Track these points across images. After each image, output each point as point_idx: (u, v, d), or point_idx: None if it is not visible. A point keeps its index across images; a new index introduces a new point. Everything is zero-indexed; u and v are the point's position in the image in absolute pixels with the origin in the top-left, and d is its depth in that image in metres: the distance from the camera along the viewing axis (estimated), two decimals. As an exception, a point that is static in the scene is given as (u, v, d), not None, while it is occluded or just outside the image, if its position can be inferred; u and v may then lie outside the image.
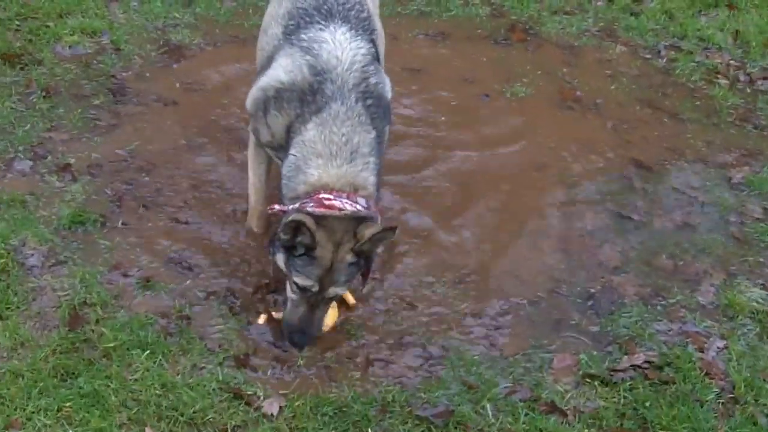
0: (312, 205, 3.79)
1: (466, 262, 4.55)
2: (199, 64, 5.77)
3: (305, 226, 3.67)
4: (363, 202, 3.84)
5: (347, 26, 4.09)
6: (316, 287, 3.81)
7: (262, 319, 4.12)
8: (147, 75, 5.63)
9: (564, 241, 4.73)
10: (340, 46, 4.01)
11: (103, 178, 4.81)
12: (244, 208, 4.59)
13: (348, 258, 3.78)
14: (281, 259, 3.89)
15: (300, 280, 3.82)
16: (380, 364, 4.01)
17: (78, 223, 4.49)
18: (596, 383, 3.98)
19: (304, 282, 3.81)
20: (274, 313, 4.12)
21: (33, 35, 5.84)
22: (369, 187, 3.91)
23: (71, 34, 5.85)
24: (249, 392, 3.80)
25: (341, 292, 3.91)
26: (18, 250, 4.30)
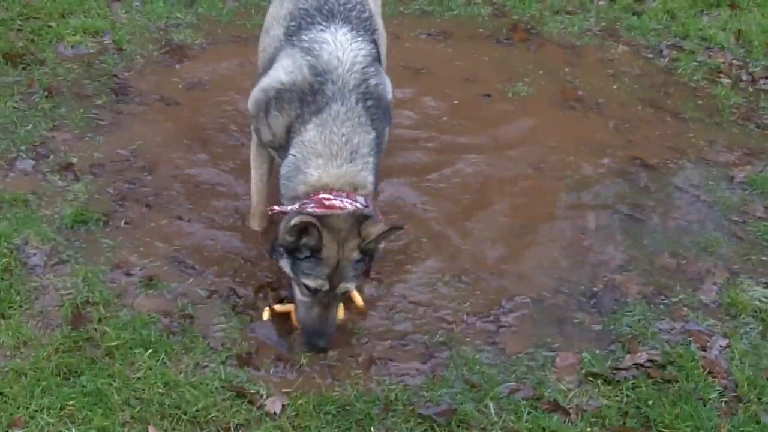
0: (312, 205, 3.79)
1: (469, 261, 4.55)
2: (202, 64, 5.77)
3: (313, 227, 3.67)
4: (362, 201, 3.85)
5: (348, 27, 4.09)
6: (326, 286, 3.81)
7: (266, 314, 4.11)
8: (149, 75, 5.64)
9: (566, 240, 4.73)
10: (341, 46, 4.01)
11: (105, 177, 4.81)
12: (246, 207, 4.59)
13: (354, 255, 3.79)
14: (286, 264, 3.88)
15: (310, 282, 3.82)
16: (383, 362, 4.01)
17: (80, 223, 4.50)
18: (599, 382, 3.98)
19: (314, 283, 3.81)
20: (277, 306, 4.12)
21: (35, 35, 5.84)
22: (368, 186, 3.92)
23: (73, 34, 5.85)
24: (252, 391, 3.80)
25: (351, 287, 3.91)
26: (20, 249, 4.31)
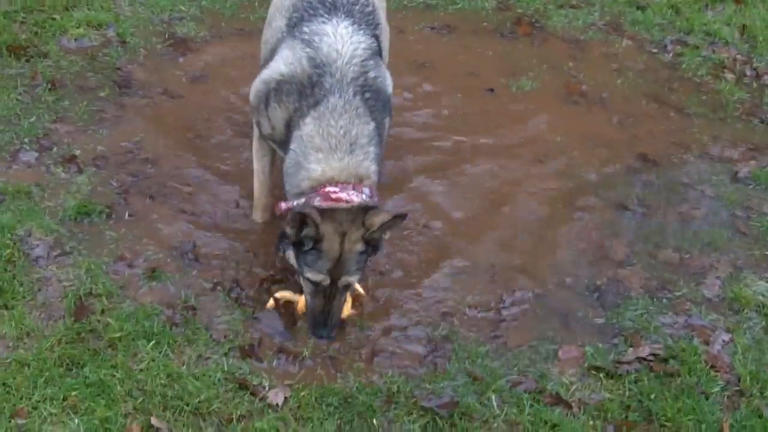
0: (319, 199, 3.80)
1: (472, 254, 4.55)
2: (205, 57, 5.77)
3: (309, 218, 3.68)
4: (368, 191, 3.85)
5: (350, 20, 4.09)
6: (327, 280, 3.82)
7: (270, 303, 4.12)
8: (152, 68, 5.63)
9: (570, 234, 4.73)
10: (341, 39, 4.01)
11: (108, 169, 4.81)
12: (249, 200, 4.60)
13: (357, 248, 3.79)
14: (291, 256, 3.90)
15: (311, 275, 3.83)
16: (385, 354, 4.02)
17: (83, 214, 4.50)
18: (601, 375, 3.98)
19: (315, 277, 3.82)
20: (279, 293, 4.12)
21: (39, 27, 5.83)
22: (372, 176, 3.92)
23: (77, 27, 5.84)
24: (254, 382, 3.81)
25: (354, 281, 3.91)
26: (24, 241, 4.31)
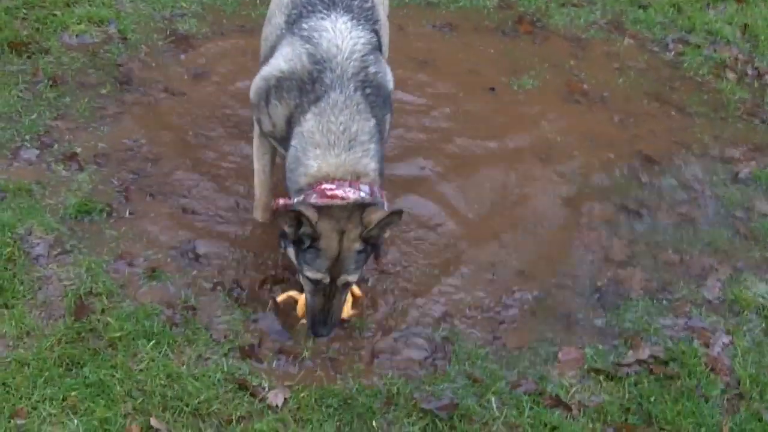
0: (315, 196, 3.78)
1: (472, 255, 4.55)
2: (206, 54, 5.75)
3: (305, 216, 3.67)
4: (366, 189, 3.83)
5: (349, 16, 4.08)
6: (326, 279, 3.81)
7: (281, 297, 4.15)
8: (154, 64, 5.61)
9: (570, 235, 4.73)
10: (340, 35, 4.00)
11: (109, 167, 4.80)
12: (250, 199, 4.59)
13: (355, 246, 3.78)
14: (292, 253, 3.89)
15: (310, 274, 3.82)
16: (385, 356, 4.03)
17: (84, 213, 4.50)
18: (601, 377, 3.99)
19: (314, 275, 3.82)
20: (281, 296, 4.13)
21: (40, 24, 5.81)
22: (371, 173, 3.89)
23: (78, 23, 5.83)
24: (254, 383, 3.81)
25: (353, 279, 3.89)
26: (24, 239, 4.31)
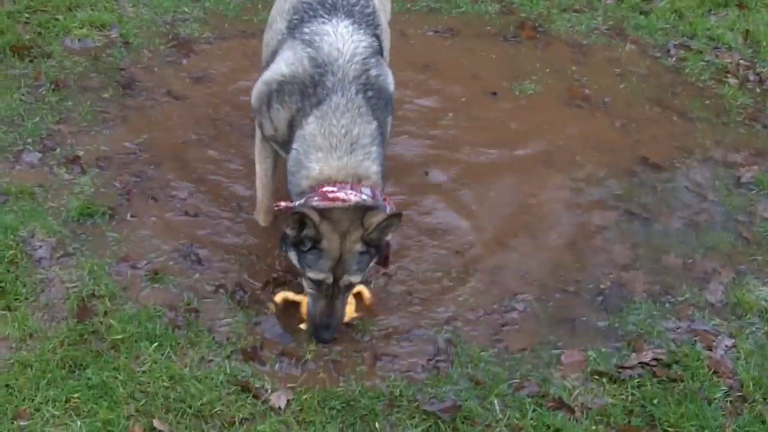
0: (317, 198, 3.79)
1: (475, 257, 4.55)
2: (208, 59, 5.77)
3: (308, 218, 3.68)
4: (368, 192, 3.84)
5: (350, 20, 4.10)
6: (329, 278, 3.81)
7: (279, 297, 4.13)
8: (156, 69, 5.63)
9: (573, 239, 4.73)
10: (341, 38, 4.01)
11: (111, 170, 4.81)
12: (252, 202, 4.59)
13: (357, 247, 3.78)
14: (294, 257, 3.89)
15: (313, 275, 3.82)
16: (387, 358, 4.02)
17: (86, 216, 4.50)
18: (604, 380, 3.98)
19: (317, 276, 3.81)
20: (279, 296, 4.12)
21: (42, 28, 5.83)
22: (372, 176, 3.90)
23: (80, 27, 5.84)
24: (257, 385, 3.80)
25: (355, 280, 3.89)
26: (27, 242, 4.31)
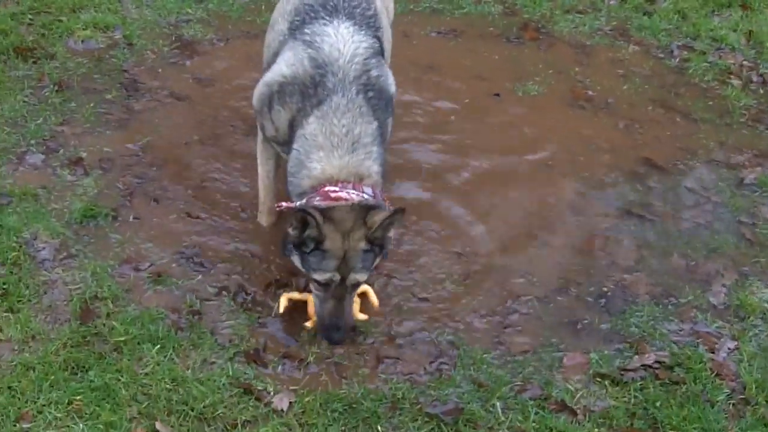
0: (318, 198, 3.80)
1: (477, 259, 4.55)
2: (212, 60, 5.78)
3: (311, 217, 3.68)
4: (369, 191, 3.84)
5: (351, 22, 4.11)
6: (336, 277, 3.80)
7: (283, 300, 4.10)
8: (159, 70, 5.64)
9: (575, 240, 4.72)
10: (342, 39, 4.02)
11: (114, 172, 4.82)
12: (255, 204, 4.59)
13: (361, 246, 3.78)
14: (297, 260, 3.89)
15: (319, 276, 3.81)
16: (390, 361, 4.02)
17: (89, 217, 4.51)
18: (607, 382, 3.97)
19: (323, 276, 3.81)
20: (284, 297, 4.10)
21: (46, 29, 5.84)
22: (373, 175, 3.91)
23: (84, 29, 5.86)
24: (259, 387, 3.81)
25: (362, 278, 3.87)
26: (30, 244, 4.32)
